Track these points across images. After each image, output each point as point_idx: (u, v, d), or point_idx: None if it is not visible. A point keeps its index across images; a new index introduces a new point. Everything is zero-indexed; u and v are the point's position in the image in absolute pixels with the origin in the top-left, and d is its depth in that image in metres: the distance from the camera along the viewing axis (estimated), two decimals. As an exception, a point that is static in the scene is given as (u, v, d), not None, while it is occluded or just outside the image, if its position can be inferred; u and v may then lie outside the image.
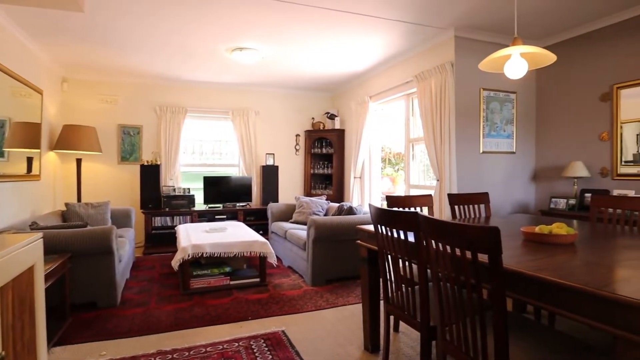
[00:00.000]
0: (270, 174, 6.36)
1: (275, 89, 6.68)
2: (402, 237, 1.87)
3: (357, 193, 5.89)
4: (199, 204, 6.02)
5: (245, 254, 3.74)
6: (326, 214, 5.09)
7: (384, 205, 3.36)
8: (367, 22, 3.74)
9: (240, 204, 6.20)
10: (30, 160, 4.16)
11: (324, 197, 5.43)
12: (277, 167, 6.47)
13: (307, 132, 6.75)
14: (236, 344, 2.52)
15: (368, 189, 5.80)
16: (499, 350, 1.33)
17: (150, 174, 5.57)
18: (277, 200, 6.37)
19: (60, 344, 2.54)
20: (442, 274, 1.55)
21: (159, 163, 5.71)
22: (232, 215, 5.97)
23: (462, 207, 3.12)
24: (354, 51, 4.62)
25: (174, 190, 5.73)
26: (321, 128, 6.71)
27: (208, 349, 2.45)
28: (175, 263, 3.49)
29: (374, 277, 2.45)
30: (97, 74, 5.54)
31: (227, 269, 3.81)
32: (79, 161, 5.15)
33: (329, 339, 2.62)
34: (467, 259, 1.41)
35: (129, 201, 5.84)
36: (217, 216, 5.86)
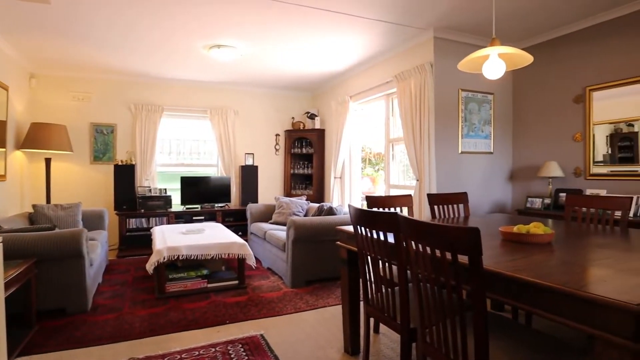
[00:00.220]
0: (249, 174, 6.27)
1: (254, 88, 6.59)
2: (382, 238, 1.85)
3: (337, 193, 5.87)
4: (176, 205, 5.88)
5: (223, 256, 3.65)
6: (306, 214, 5.04)
7: (364, 205, 3.34)
8: (347, 21, 3.72)
9: (219, 205, 6.09)
10: (-6, 159, 3.95)
11: (304, 198, 5.39)
12: (257, 167, 6.38)
13: (287, 132, 6.69)
14: (213, 350, 2.44)
15: (348, 189, 5.79)
16: (479, 352, 1.32)
17: (125, 174, 5.40)
18: (257, 201, 6.29)
19: (24, 353, 2.40)
20: (422, 275, 1.53)
21: (134, 163, 5.54)
22: (210, 216, 5.85)
23: (441, 207, 3.13)
24: (335, 50, 4.60)
25: (150, 190, 5.57)
26: (301, 128, 6.66)
27: (183, 355, 2.36)
28: (149, 266, 3.38)
29: (353, 279, 2.42)
30: (69, 70, 5.33)
31: (205, 271, 3.71)
32: (48, 161, 4.94)
33: (309, 342, 2.58)
34: (447, 260, 1.39)
35: (102, 202, 5.65)
36: (194, 217, 5.73)
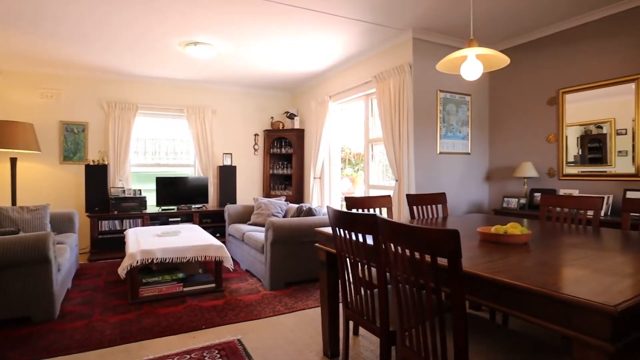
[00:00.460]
0: (227, 174, 6.16)
1: (233, 87, 6.48)
2: (360, 240, 1.82)
3: (317, 194, 5.83)
4: (152, 206, 5.71)
5: (199, 259, 3.55)
6: (285, 215, 4.98)
7: (344, 206, 3.31)
8: (327, 20, 3.69)
9: (196, 206, 5.95)
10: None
11: (283, 198, 5.32)
12: (235, 167, 6.27)
13: (266, 132, 6.61)
14: (188, 357, 2.36)
15: (328, 190, 5.76)
16: (459, 354, 1.31)
17: (97, 175, 5.21)
18: (235, 202, 6.18)
19: (-16, 366, 2.26)
20: (401, 277, 1.51)
21: (106, 163, 5.35)
22: (187, 217, 5.71)
23: (420, 208, 3.14)
24: (314, 50, 4.56)
25: (124, 191, 5.38)
26: (280, 128, 6.59)
27: (156, 364, 2.27)
28: (122, 270, 3.25)
29: (333, 282, 2.38)
30: (37, 65, 5.08)
31: (180, 275, 3.60)
32: (13, 161, 4.71)
33: (287, 346, 2.53)
34: (427, 262, 1.37)
35: (72, 204, 5.43)
36: (170, 219, 5.58)
